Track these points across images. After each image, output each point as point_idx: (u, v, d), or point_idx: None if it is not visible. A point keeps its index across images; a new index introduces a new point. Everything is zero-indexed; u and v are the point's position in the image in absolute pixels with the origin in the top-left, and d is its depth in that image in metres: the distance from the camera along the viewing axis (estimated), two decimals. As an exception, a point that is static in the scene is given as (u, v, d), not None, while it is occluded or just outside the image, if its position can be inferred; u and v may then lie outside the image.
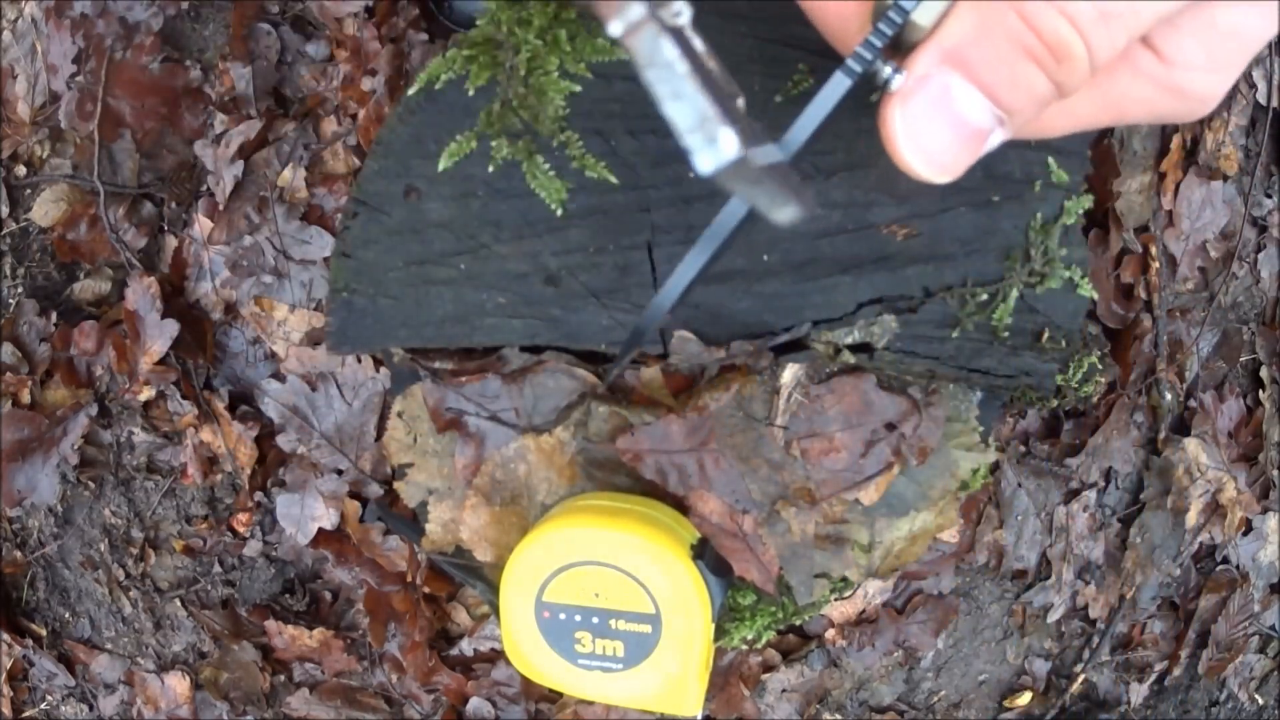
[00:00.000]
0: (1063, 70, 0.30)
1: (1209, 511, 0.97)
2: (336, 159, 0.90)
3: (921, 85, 0.31)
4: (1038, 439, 0.96)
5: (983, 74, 0.30)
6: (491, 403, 0.64)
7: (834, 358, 0.59)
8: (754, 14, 0.54)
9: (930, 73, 0.31)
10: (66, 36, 0.89)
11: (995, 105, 0.31)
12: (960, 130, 0.31)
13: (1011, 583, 0.99)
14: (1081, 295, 0.58)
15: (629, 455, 0.62)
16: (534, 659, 0.60)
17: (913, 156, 0.32)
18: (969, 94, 0.31)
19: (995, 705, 1.01)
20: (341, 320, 0.60)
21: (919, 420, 0.61)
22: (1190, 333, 0.96)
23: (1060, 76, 0.30)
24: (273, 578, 0.96)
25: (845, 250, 0.57)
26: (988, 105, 0.31)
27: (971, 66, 0.30)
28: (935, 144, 0.32)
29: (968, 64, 0.30)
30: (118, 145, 0.90)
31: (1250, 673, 1.03)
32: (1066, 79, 0.31)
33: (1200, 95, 0.34)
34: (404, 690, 0.95)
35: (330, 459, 0.90)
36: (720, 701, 0.94)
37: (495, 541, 0.66)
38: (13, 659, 0.97)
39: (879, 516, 0.63)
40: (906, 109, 0.32)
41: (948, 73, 0.31)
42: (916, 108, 0.31)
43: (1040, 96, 0.31)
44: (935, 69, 0.31)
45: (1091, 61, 0.30)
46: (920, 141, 0.32)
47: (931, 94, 0.31)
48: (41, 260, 0.94)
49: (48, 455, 0.91)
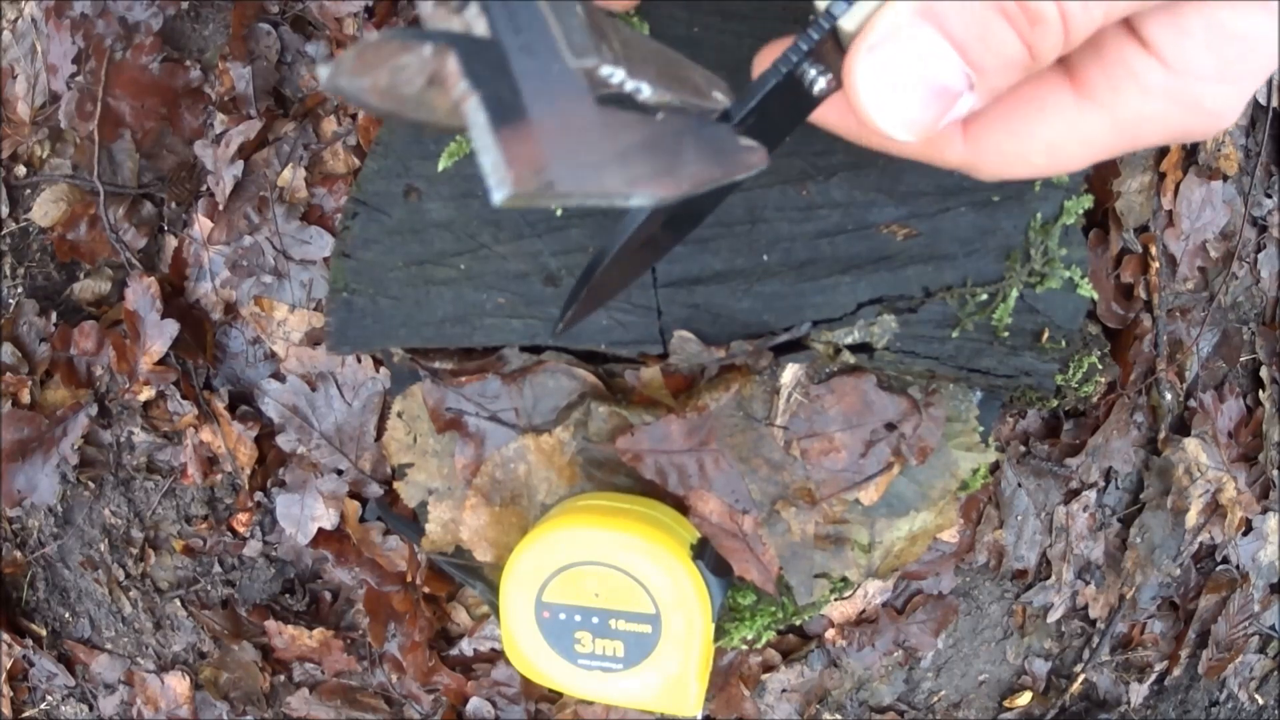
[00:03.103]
0: (1035, 33, 0.30)
1: (1209, 511, 0.97)
2: (336, 159, 0.90)
3: (892, 35, 0.31)
4: (1038, 439, 0.96)
5: (955, 29, 0.30)
6: (491, 403, 0.64)
7: (834, 358, 0.59)
8: (754, 14, 0.54)
9: (901, 24, 0.30)
10: (66, 36, 0.89)
11: (966, 63, 0.30)
12: (929, 86, 0.31)
13: (1011, 583, 0.99)
14: (1081, 295, 0.58)
15: (629, 455, 0.62)
16: (534, 659, 0.60)
17: (878, 110, 0.32)
18: (940, 48, 0.30)
19: (995, 705, 1.01)
20: (341, 320, 0.60)
21: (919, 420, 0.61)
22: (1190, 333, 0.96)
23: (1033, 38, 0.30)
24: (273, 578, 0.96)
25: (845, 250, 0.57)
26: (959, 62, 0.30)
27: (944, 20, 0.30)
28: (902, 99, 0.31)
29: (940, 17, 0.30)
30: (118, 145, 0.90)
31: (1250, 673, 1.03)
32: (1039, 43, 0.30)
33: (1215, 109, 0.33)
34: (404, 690, 0.95)
35: (330, 459, 0.90)
36: (720, 701, 0.94)
37: (495, 541, 0.66)
38: (13, 659, 0.97)
39: (879, 516, 0.63)
40: (874, 59, 0.31)
41: (919, 24, 0.30)
42: (884, 58, 0.31)
43: (1011, 59, 0.31)
44: (907, 21, 0.30)
45: (1066, 30, 0.30)
46: (887, 96, 0.31)
47: (902, 45, 0.30)
48: (41, 260, 0.94)
49: (48, 455, 0.91)
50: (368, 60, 0.23)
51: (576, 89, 0.26)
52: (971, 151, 0.36)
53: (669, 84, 0.30)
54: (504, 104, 0.24)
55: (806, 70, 0.32)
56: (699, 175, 0.29)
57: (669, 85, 0.30)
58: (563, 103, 0.26)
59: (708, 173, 0.29)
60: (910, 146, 0.34)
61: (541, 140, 0.24)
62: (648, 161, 0.27)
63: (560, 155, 0.24)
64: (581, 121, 0.26)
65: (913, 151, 0.36)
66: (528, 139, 0.24)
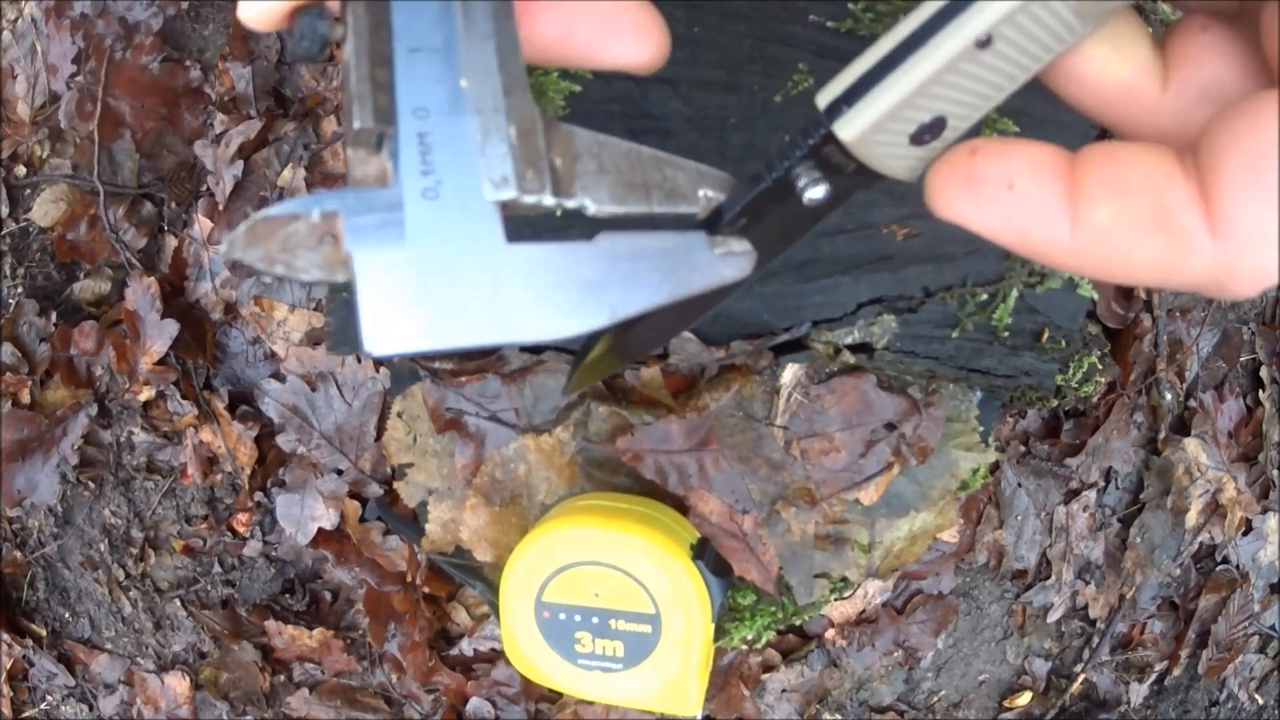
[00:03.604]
0: None
1: (1209, 511, 0.97)
2: (336, 159, 0.90)
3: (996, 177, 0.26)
4: (1038, 439, 0.96)
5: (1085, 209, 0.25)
6: (491, 403, 0.64)
7: (834, 358, 0.59)
8: (754, 14, 0.54)
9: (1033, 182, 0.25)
10: (66, 36, 0.89)
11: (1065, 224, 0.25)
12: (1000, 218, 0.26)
13: (1011, 583, 0.99)
14: (1081, 295, 0.58)
15: (629, 455, 0.62)
16: (534, 659, 0.60)
17: (948, 212, 0.27)
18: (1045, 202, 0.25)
19: (995, 705, 1.01)
20: (341, 320, 0.60)
21: (919, 420, 0.61)
22: (1190, 333, 0.96)
23: None
24: (273, 578, 0.96)
25: (845, 250, 0.57)
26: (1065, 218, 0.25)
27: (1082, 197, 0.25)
28: (976, 218, 0.27)
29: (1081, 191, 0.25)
30: (118, 145, 0.90)
31: (1250, 673, 1.03)
32: None
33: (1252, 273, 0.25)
34: (404, 690, 0.95)
35: (330, 459, 0.90)
36: (720, 701, 0.94)
37: (495, 541, 0.66)
38: (13, 659, 0.97)
39: (879, 516, 0.63)
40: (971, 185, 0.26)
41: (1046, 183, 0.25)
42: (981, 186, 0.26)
43: None
44: (1042, 180, 0.25)
45: None
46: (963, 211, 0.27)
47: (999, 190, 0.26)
48: (41, 260, 0.94)
49: (48, 455, 0.91)
50: (258, 233, 0.25)
51: (477, 230, 0.26)
52: None
53: (626, 195, 0.29)
54: (384, 261, 0.25)
55: (799, 175, 0.30)
56: (638, 299, 0.28)
57: (626, 197, 0.29)
58: (449, 250, 0.26)
59: (652, 294, 0.28)
60: None
61: (415, 297, 0.25)
62: (552, 299, 0.27)
63: (428, 312, 0.25)
64: (470, 268, 0.26)
65: None
66: (400, 296, 0.25)
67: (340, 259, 0.25)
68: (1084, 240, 0.25)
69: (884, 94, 0.26)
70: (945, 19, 0.25)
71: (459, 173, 0.26)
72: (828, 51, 0.55)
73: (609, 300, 0.27)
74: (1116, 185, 0.25)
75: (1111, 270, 0.25)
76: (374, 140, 0.27)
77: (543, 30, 0.30)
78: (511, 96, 0.27)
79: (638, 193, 0.29)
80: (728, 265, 0.30)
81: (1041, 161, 0.25)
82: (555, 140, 0.28)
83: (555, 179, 0.27)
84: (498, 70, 0.27)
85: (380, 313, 0.25)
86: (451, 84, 0.27)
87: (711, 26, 0.53)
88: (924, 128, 0.27)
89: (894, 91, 0.26)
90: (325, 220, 0.25)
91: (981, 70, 0.26)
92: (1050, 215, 0.25)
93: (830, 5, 0.54)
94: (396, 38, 0.27)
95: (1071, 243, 0.25)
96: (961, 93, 0.26)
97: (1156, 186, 0.24)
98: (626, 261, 0.28)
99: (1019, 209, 0.26)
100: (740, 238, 0.31)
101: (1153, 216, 0.24)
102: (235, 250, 0.25)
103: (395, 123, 0.26)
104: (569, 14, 0.30)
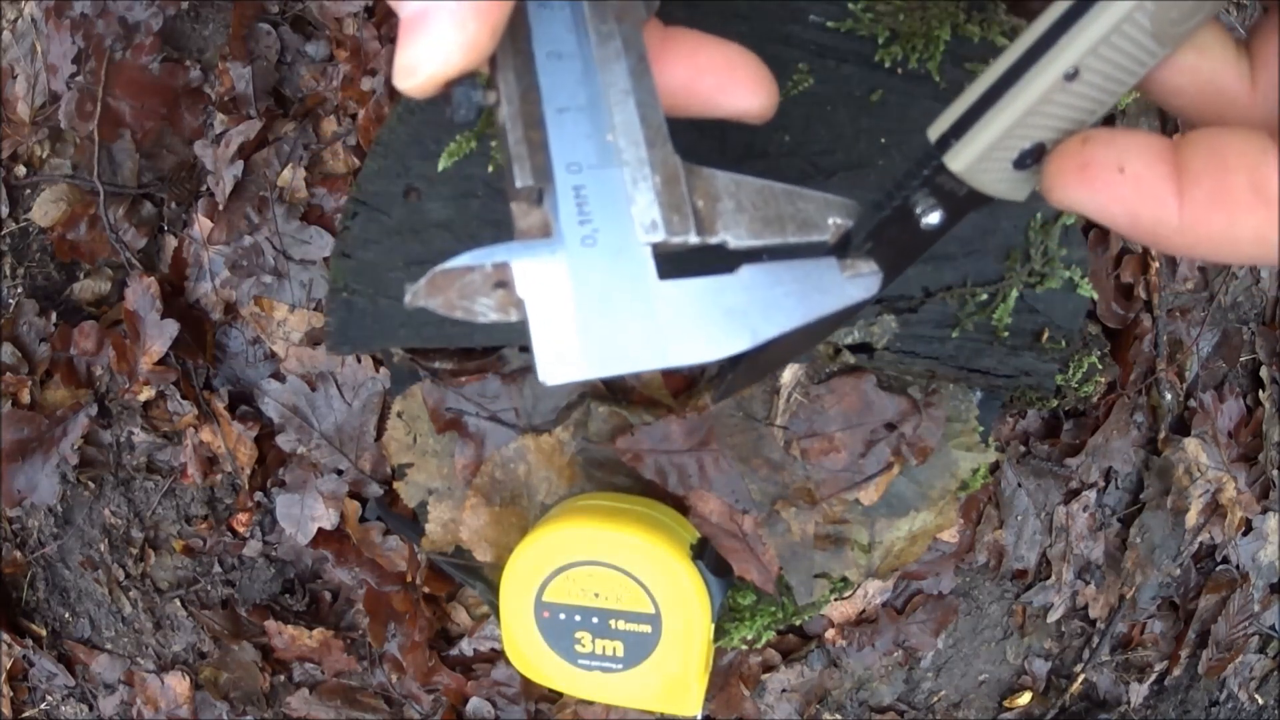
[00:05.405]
0: None
1: (1209, 511, 0.97)
2: (336, 159, 0.90)
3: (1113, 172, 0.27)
4: (1038, 439, 0.96)
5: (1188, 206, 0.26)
6: (491, 403, 0.64)
7: (834, 358, 0.59)
8: (754, 14, 0.54)
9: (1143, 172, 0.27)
10: (66, 36, 0.89)
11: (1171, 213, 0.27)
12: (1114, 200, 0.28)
13: (1011, 583, 0.99)
14: (1081, 295, 0.58)
15: (629, 455, 0.62)
16: (534, 659, 0.60)
17: (1064, 200, 0.29)
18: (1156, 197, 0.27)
19: (995, 705, 1.01)
20: (341, 320, 0.60)
21: (919, 420, 0.61)
22: (1190, 333, 0.96)
23: None
24: (273, 578, 0.96)
25: (845, 250, 0.56)
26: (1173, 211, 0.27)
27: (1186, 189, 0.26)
28: (1091, 202, 0.28)
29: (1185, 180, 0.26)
30: (118, 145, 0.90)
31: (1250, 673, 1.03)
32: None
33: None
34: (404, 690, 0.95)
35: (330, 459, 0.90)
36: (720, 701, 0.94)
37: (495, 541, 0.66)
38: (13, 659, 0.97)
39: (879, 516, 0.63)
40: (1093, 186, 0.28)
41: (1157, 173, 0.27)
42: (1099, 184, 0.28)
43: None
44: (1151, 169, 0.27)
45: None
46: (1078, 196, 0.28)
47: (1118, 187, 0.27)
48: (41, 260, 0.94)
49: (48, 455, 0.91)
50: (438, 284, 0.28)
51: (632, 270, 0.29)
52: None
53: (763, 230, 0.31)
54: (552, 302, 0.28)
55: (916, 202, 0.32)
56: (777, 322, 0.30)
57: (763, 231, 0.31)
58: (608, 289, 0.28)
59: (789, 318, 0.31)
60: None
61: (580, 332, 0.28)
62: (701, 328, 0.29)
63: (593, 344, 0.28)
64: (627, 304, 0.29)
65: None
66: (567, 332, 0.28)
67: (513, 301, 0.28)
68: (1190, 218, 0.27)
69: (986, 128, 0.29)
70: (1035, 56, 0.27)
71: (613, 220, 0.29)
72: (827, 51, 0.55)
73: (750, 325, 0.30)
74: (1217, 163, 0.26)
75: (1218, 247, 0.27)
76: (535, 196, 0.30)
77: (669, 79, 0.33)
78: (654, 148, 0.30)
79: (773, 226, 0.32)
80: (856, 286, 0.33)
81: (1149, 146, 0.27)
82: (696, 184, 0.31)
83: (699, 220, 0.30)
84: (639, 124, 0.30)
85: (551, 347, 0.28)
86: (599, 139, 0.30)
87: (711, 26, 0.53)
88: (1025, 153, 0.29)
89: (995, 126, 0.28)
90: (497, 270, 0.28)
91: (1073, 99, 0.28)
92: (1159, 195, 0.27)
93: (830, 5, 0.54)
94: (546, 100, 0.30)
95: (1179, 222, 0.27)
96: (1057, 120, 0.28)
97: (1254, 163, 0.26)
98: (765, 289, 0.31)
99: (1130, 191, 0.27)
100: (867, 259, 0.33)
101: (1252, 190, 0.26)
102: (419, 299, 0.28)
103: (552, 179, 0.29)
104: (696, 65, 0.34)
